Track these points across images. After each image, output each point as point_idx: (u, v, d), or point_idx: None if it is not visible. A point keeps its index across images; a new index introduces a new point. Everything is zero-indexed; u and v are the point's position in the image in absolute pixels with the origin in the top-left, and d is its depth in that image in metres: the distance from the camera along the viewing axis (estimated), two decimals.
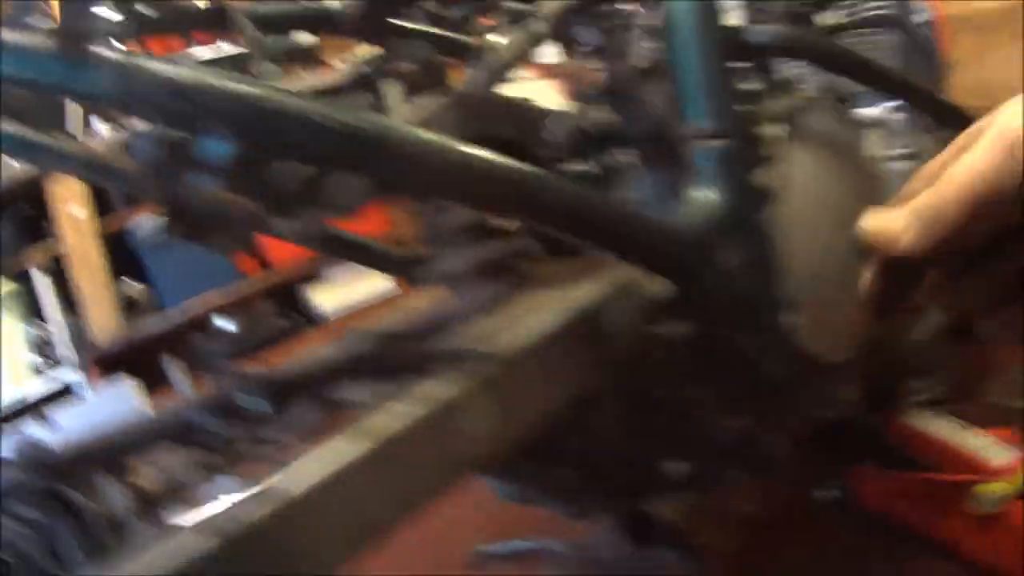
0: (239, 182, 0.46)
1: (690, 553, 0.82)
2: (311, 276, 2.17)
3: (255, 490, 0.46)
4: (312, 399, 0.56)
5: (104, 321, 2.35)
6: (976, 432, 1.04)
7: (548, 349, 0.56)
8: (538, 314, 0.58)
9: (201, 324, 2.22)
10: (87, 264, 2.23)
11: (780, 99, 0.79)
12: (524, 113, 0.74)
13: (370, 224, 0.75)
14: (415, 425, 0.51)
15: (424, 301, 0.82)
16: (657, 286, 0.59)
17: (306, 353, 0.58)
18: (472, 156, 0.52)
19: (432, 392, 0.52)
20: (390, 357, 0.56)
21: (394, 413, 0.51)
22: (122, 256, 2.15)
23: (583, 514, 0.77)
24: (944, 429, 1.06)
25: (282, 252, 2.07)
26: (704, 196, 0.64)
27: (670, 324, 0.59)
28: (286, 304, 2.25)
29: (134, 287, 2.19)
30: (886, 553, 1.07)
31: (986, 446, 1.01)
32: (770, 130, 0.75)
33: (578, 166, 0.70)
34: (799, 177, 0.77)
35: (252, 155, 0.45)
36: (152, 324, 2.32)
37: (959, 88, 1.15)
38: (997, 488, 0.93)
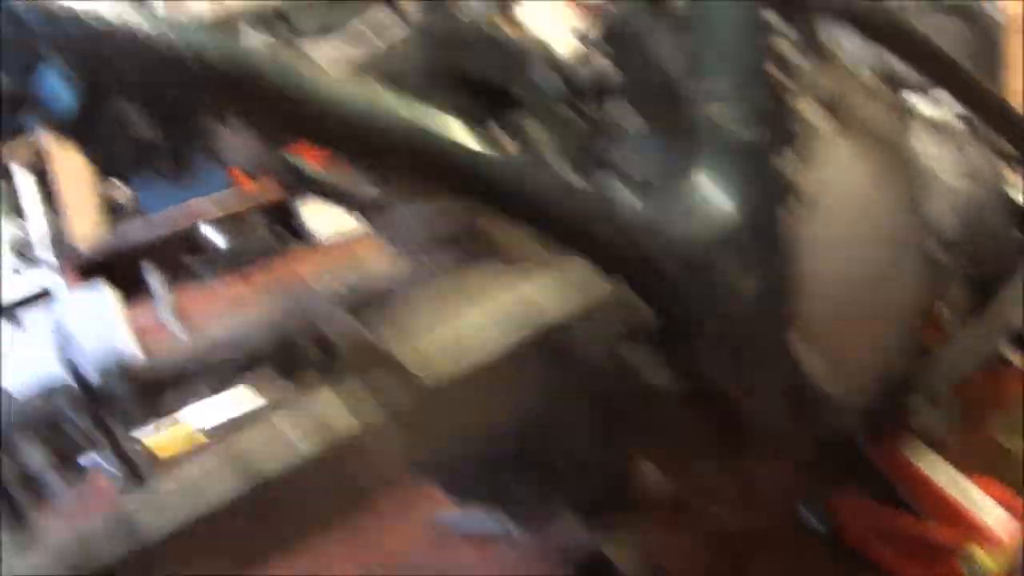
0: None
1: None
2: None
3: (114, 521, 0.38)
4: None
5: (87, 224, 2.25)
6: (976, 482, 0.94)
7: (485, 376, 0.44)
8: (486, 329, 0.46)
9: (187, 234, 2.13)
10: (72, 163, 2.12)
11: (825, 73, 0.63)
12: (508, 50, 0.59)
13: None
14: (299, 464, 0.40)
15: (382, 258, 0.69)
16: (638, 309, 0.47)
17: (200, 336, 0.49)
18: (400, 120, 0.39)
19: (329, 422, 0.41)
20: (288, 355, 0.45)
21: (276, 446, 0.41)
22: None
23: (533, 527, 0.67)
24: (944, 475, 0.97)
25: None
26: (715, 198, 0.50)
27: (649, 365, 0.47)
28: (277, 221, 2.13)
29: (121, 190, 2.08)
30: None
31: (986, 506, 0.92)
32: (808, 110, 0.60)
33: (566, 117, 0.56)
34: (835, 180, 0.63)
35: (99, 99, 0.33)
36: (136, 230, 2.22)
37: (1008, 93, 0.99)
38: (991, 559, 0.85)
